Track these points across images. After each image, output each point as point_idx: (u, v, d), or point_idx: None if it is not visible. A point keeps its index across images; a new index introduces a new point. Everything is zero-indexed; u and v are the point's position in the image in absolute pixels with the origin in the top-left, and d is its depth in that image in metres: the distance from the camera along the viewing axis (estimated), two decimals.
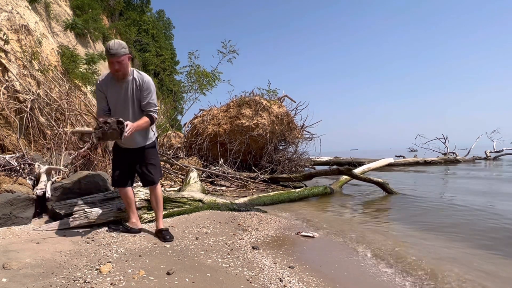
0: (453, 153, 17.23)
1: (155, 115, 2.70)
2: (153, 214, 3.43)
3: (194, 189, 4.86)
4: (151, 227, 3.19)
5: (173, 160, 7.19)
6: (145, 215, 3.35)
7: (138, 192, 3.39)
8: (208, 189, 6.18)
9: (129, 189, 2.89)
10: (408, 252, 2.75)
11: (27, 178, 3.53)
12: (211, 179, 7.17)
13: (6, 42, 4.51)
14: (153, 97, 2.69)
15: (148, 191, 3.41)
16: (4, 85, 4.28)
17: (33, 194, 3.16)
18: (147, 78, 2.69)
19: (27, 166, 3.69)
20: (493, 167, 13.55)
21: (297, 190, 5.93)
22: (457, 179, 9.40)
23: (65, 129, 4.62)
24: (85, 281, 1.81)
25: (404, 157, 17.19)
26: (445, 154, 17.26)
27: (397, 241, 3.10)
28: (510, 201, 5.34)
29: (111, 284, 1.80)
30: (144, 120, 2.63)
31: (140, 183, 3.72)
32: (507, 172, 10.76)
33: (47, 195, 3.26)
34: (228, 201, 4.63)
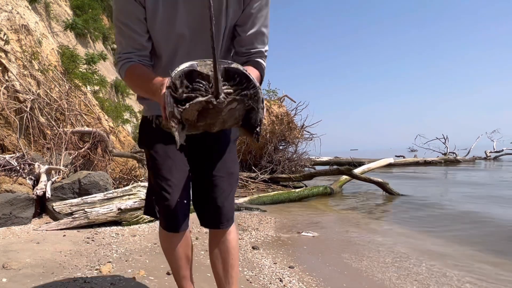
0: (453, 153, 17.23)
1: (265, 64, 1.20)
2: None
3: None
4: (151, 227, 3.19)
5: None
6: (145, 215, 3.36)
7: (138, 192, 3.37)
8: None
9: (187, 234, 1.31)
10: (407, 252, 2.75)
11: (27, 178, 3.54)
12: None
13: (6, 42, 4.51)
14: (268, 21, 1.17)
15: None
16: (4, 85, 4.28)
17: (33, 194, 3.17)
18: None
19: (27, 166, 3.70)
20: (495, 167, 13.55)
21: (297, 190, 5.93)
22: (457, 180, 9.39)
23: (65, 129, 4.62)
24: (85, 281, 1.81)
25: (404, 157, 17.19)
26: (445, 154, 17.26)
27: (397, 242, 3.10)
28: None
29: (111, 284, 1.80)
30: (254, 73, 1.08)
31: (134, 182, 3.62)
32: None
33: (47, 195, 3.27)
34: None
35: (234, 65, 0.82)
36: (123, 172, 5.32)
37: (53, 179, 3.64)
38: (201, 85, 0.80)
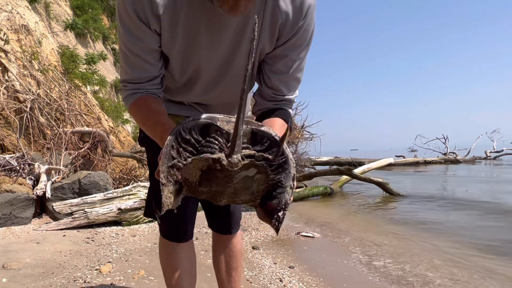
0: (453, 153, 17.24)
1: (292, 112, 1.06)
2: None
3: None
4: (151, 227, 3.19)
5: None
6: None
7: (138, 192, 3.37)
8: None
9: (192, 244, 1.21)
10: (408, 252, 2.75)
11: (27, 178, 3.54)
12: None
13: (6, 42, 4.51)
14: (304, 64, 0.96)
15: None
16: (4, 85, 4.28)
17: (33, 194, 3.17)
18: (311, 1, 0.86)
19: (27, 166, 3.70)
20: (493, 167, 13.55)
21: (297, 190, 5.93)
22: (457, 179, 9.40)
23: (65, 129, 4.62)
24: (85, 281, 1.81)
25: (404, 157, 17.18)
26: (445, 154, 17.27)
27: (396, 242, 3.10)
28: None
29: (111, 284, 1.80)
30: (280, 124, 0.93)
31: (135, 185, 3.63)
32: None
33: (47, 195, 3.27)
34: None
35: (265, 128, 0.65)
36: (123, 172, 5.32)
37: (53, 179, 3.64)
38: (217, 142, 0.62)
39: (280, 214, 0.66)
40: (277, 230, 0.67)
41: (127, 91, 0.92)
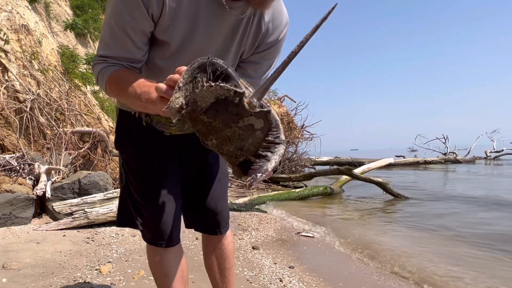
0: (453, 153, 17.23)
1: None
2: None
3: None
4: None
5: None
6: None
7: None
8: None
9: (180, 248, 1.16)
10: (408, 252, 2.75)
11: (27, 178, 3.54)
12: None
13: (6, 42, 4.51)
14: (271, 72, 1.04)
15: None
16: (4, 85, 4.28)
17: (33, 194, 3.17)
18: (287, 17, 1.03)
19: (27, 166, 3.70)
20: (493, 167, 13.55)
21: (297, 190, 5.93)
22: (457, 179, 9.40)
23: (65, 129, 4.62)
24: (85, 281, 1.81)
25: (404, 157, 17.18)
26: (445, 154, 17.27)
27: (396, 242, 3.10)
28: None
29: (111, 284, 1.80)
30: None
31: None
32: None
33: (47, 195, 3.27)
34: (228, 201, 4.62)
35: (273, 111, 0.66)
36: None
37: (53, 179, 3.64)
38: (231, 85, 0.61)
39: (258, 175, 0.64)
40: (249, 186, 0.66)
41: (104, 64, 0.87)
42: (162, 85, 0.65)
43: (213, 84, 0.59)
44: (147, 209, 1.04)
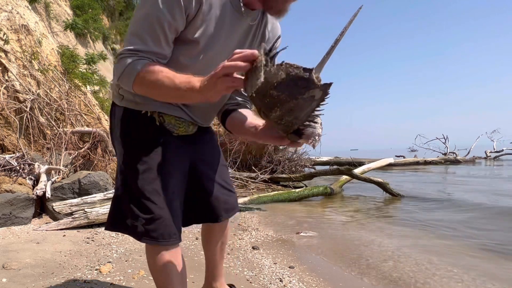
0: (453, 153, 17.23)
1: None
2: None
3: None
4: None
5: None
6: None
7: None
8: None
9: (179, 250, 1.15)
10: (409, 253, 2.75)
11: (27, 178, 3.54)
12: None
13: (6, 42, 4.51)
14: None
15: None
16: (4, 85, 4.28)
17: (33, 194, 3.17)
18: (280, 28, 1.20)
19: (27, 166, 3.70)
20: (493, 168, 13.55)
21: (297, 190, 5.93)
22: (457, 179, 9.40)
23: (65, 129, 4.62)
24: (85, 281, 1.81)
25: (404, 157, 17.19)
26: (445, 154, 17.27)
27: (397, 242, 3.11)
28: None
29: (111, 284, 1.80)
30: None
31: None
32: None
33: (47, 195, 3.27)
34: None
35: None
36: None
37: (53, 179, 3.64)
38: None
39: (317, 137, 0.85)
40: (314, 147, 0.87)
41: (135, 57, 0.91)
42: (242, 63, 0.76)
43: (286, 63, 0.71)
44: (156, 205, 1.04)
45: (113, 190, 3.35)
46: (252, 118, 1.11)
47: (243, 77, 0.78)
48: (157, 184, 1.05)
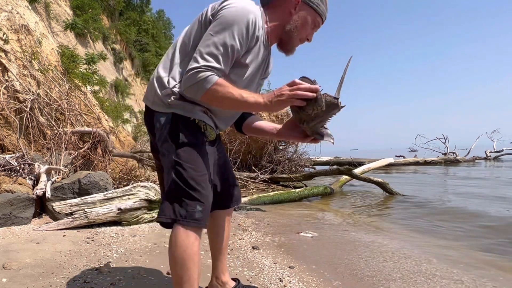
0: (453, 153, 17.24)
1: None
2: (153, 215, 3.43)
3: None
4: (151, 227, 3.19)
5: None
6: (145, 215, 3.35)
7: (138, 192, 3.37)
8: None
9: None
10: (409, 253, 2.75)
11: (27, 178, 3.54)
12: None
13: (6, 42, 4.51)
14: None
15: (150, 192, 3.40)
16: (4, 85, 4.28)
17: (33, 194, 3.17)
18: None
19: (27, 166, 3.70)
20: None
21: (297, 190, 5.93)
22: (457, 179, 9.40)
23: (65, 129, 4.62)
24: (85, 281, 1.81)
25: (404, 157, 17.20)
26: (445, 154, 17.28)
27: (398, 242, 3.10)
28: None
29: (111, 284, 1.80)
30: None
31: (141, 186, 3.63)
32: None
33: (47, 195, 3.27)
34: None
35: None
36: (123, 172, 5.32)
37: (53, 179, 3.64)
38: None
39: (332, 135, 1.30)
40: (333, 142, 1.31)
41: (211, 72, 1.19)
42: (315, 86, 1.17)
43: (325, 93, 1.17)
44: (205, 195, 1.27)
45: (113, 190, 3.35)
46: (265, 122, 1.56)
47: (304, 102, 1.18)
48: (205, 178, 1.28)
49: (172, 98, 1.27)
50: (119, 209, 3.15)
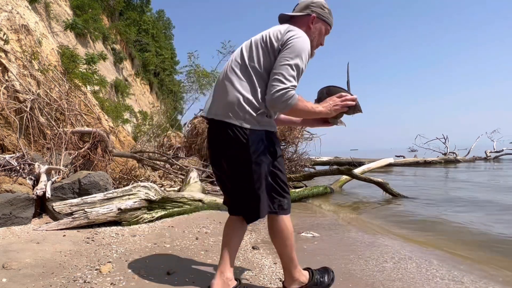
0: (453, 153, 17.23)
1: None
2: (153, 215, 3.43)
3: (194, 189, 4.86)
4: (151, 227, 3.19)
5: (173, 160, 7.19)
6: (145, 215, 3.35)
7: (138, 192, 3.37)
8: (208, 189, 6.18)
9: None
10: (409, 254, 2.75)
11: (27, 178, 3.54)
12: (211, 179, 7.16)
13: (6, 42, 4.51)
14: None
15: (150, 192, 3.40)
16: (4, 85, 4.28)
17: (33, 194, 3.16)
18: None
19: (27, 166, 3.70)
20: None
21: (297, 190, 5.93)
22: (457, 179, 9.40)
23: (65, 129, 4.62)
24: (85, 281, 1.81)
25: (404, 157, 17.18)
26: (445, 154, 17.27)
27: (397, 242, 3.10)
28: None
29: (111, 284, 1.80)
30: None
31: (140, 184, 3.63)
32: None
33: (47, 195, 3.27)
34: None
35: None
36: (123, 172, 5.32)
37: (53, 179, 3.64)
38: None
39: (343, 123, 1.84)
40: (332, 122, 1.84)
41: (294, 91, 1.55)
42: (352, 103, 1.70)
43: (357, 103, 1.71)
44: (288, 190, 1.74)
45: (113, 190, 3.35)
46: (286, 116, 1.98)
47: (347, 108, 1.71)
48: (286, 178, 1.74)
49: (265, 116, 1.62)
50: (119, 209, 3.15)
